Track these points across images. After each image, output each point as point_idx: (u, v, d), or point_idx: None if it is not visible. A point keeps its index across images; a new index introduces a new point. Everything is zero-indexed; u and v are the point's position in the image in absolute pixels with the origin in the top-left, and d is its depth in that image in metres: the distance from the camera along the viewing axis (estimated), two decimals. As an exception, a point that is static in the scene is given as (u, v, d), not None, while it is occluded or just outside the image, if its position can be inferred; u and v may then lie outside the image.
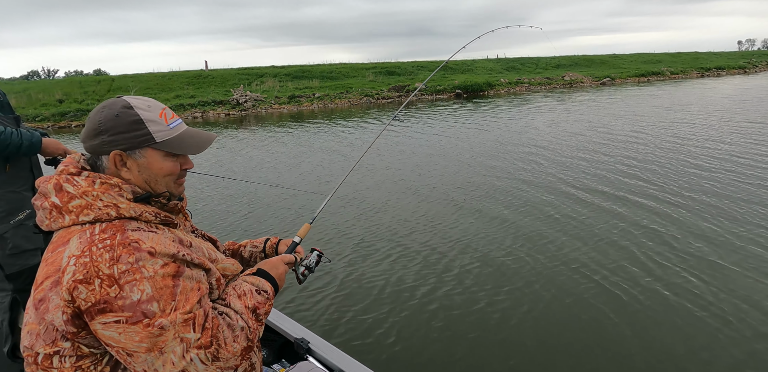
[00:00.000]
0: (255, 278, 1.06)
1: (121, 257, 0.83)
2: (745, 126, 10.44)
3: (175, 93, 23.65)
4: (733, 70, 35.29)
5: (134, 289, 0.82)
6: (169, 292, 0.84)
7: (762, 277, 3.46)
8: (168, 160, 0.97)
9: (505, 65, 33.65)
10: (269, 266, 1.11)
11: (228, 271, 1.04)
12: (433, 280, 3.65)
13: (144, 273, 0.83)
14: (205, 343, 0.85)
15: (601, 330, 2.96)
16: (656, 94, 20.60)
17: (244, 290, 1.00)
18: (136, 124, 0.93)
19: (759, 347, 2.68)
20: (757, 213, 4.82)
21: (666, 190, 5.79)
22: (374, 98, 23.78)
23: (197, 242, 1.00)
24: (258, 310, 0.99)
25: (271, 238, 1.37)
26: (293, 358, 1.65)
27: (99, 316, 0.82)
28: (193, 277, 0.89)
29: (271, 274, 1.09)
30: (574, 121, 12.59)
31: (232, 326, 0.92)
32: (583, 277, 3.64)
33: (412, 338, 2.91)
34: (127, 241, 0.85)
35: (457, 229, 4.84)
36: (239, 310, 0.96)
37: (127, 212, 0.90)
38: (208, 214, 5.67)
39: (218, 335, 0.88)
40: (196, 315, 0.86)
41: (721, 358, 2.63)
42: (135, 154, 0.95)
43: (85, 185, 0.91)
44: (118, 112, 0.93)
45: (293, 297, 3.47)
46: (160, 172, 0.97)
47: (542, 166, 7.50)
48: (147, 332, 0.81)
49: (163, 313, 0.83)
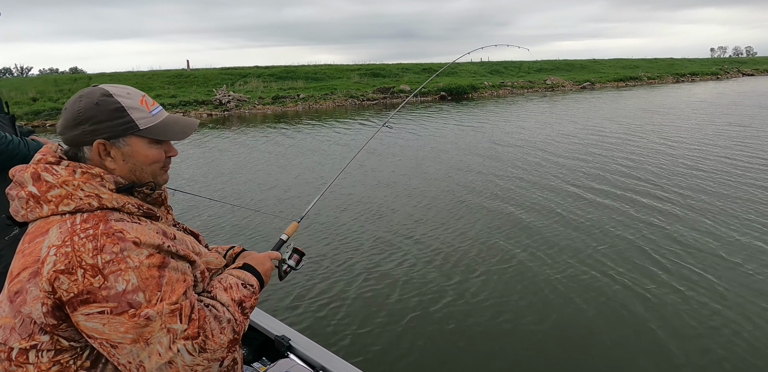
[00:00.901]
0: (241, 272, 1.05)
1: (105, 247, 0.81)
2: (728, 128, 10.84)
3: (156, 92, 23.14)
4: (706, 76, 36.55)
5: (119, 279, 0.79)
6: (155, 283, 0.82)
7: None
8: (153, 148, 0.95)
9: (489, 68, 34.10)
10: (255, 261, 1.11)
11: (211, 265, 1.03)
12: (417, 278, 3.67)
13: (129, 263, 0.81)
14: (192, 334, 0.84)
15: (596, 340, 2.98)
16: (639, 97, 21.17)
17: (230, 283, 1.00)
18: (118, 111, 0.90)
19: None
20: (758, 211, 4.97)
21: (662, 188, 5.93)
22: (359, 100, 23.75)
23: (180, 235, 0.98)
24: (244, 303, 0.98)
25: (235, 247, 1.33)
26: (274, 355, 1.63)
27: (82, 307, 0.79)
28: (179, 269, 0.88)
29: (257, 269, 1.08)
30: (567, 123, 12.84)
31: (218, 318, 0.91)
32: (573, 280, 3.67)
33: (393, 334, 2.93)
34: (111, 231, 0.83)
35: (441, 228, 4.85)
36: (225, 303, 0.95)
37: (109, 203, 0.88)
38: (190, 213, 5.54)
39: (205, 326, 0.87)
40: (182, 306, 0.85)
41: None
42: (119, 142, 0.92)
43: (65, 174, 0.88)
44: (98, 101, 0.90)
45: (273, 294, 3.44)
46: (146, 160, 0.95)
47: (542, 166, 7.59)
48: (133, 323, 0.79)
49: (149, 303, 0.81)
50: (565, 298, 3.32)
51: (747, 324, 2.92)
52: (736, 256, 3.87)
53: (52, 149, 0.94)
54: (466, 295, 3.37)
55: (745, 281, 3.46)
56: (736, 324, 2.93)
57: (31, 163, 0.91)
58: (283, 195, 6.47)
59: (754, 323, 2.92)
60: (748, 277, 3.51)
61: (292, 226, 1.45)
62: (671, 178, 6.46)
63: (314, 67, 30.85)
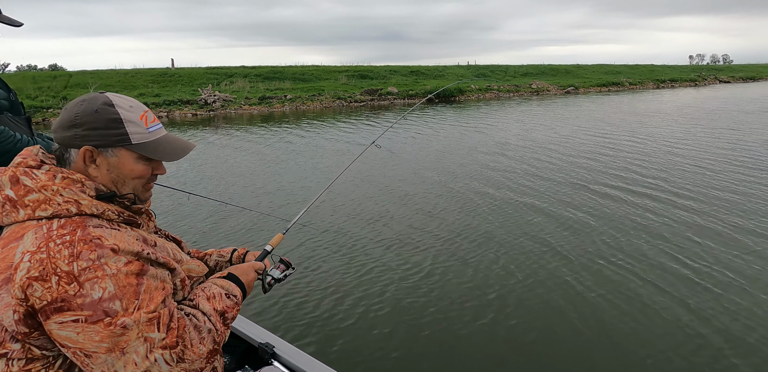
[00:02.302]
0: (225, 282, 1.04)
1: (81, 254, 0.79)
2: (723, 131, 11.21)
3: (139, 91, 22.72)
4: (685, 83, 37.60)
5: (95, 286, 0.78)
6: (132, 291, 0.81)
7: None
8: (140, 163, 0.94)
9: (475, 72, 34.45)
10: (240, 272, 1.09)
11: (193, 273, 1.02)
12: (403, 285, 3.66)
13: (106, 270, 0.79)
14: (170, 343, 0.83)
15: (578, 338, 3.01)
16: (628, 102, 21.63)
17: (213, 293, 0.98)
18: (114, 122, 0.90)
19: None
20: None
21: (663, 188, 6.06)
22: (347, 101, 23.71)
23: (162, 242, 0.97)
24: (226, 313, 0.97)
25: (239, 249, 1.34)
26: (257, 363, 1.60)
27: (55, 315, 0.77)
28: (158, 277, 0.87)
29: (241, 279, 1.07)
30: (568, 126, 13.05)
31: (198, 328, 0.90)
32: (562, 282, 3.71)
33: (380, 340, 2.91)
34: (89, 238, 0.81)
35: (426, 234, 4.86)
36: (207, 312, 0.94)
37: (88, 209, 0.86)
38: (173, 221, 5.43)
39: (184, 336, 0.86)
40: (161, 314, 0.83)
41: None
42: (107, 151, 0.91)
43: (45, 179, 0.86)
44: (98, 108, 0.90)
45: (257, 301, 3.39)
46: (130, 174, 0.94)
47: (550, 167, 7.67)
48: (108, 331, 0.78)
49: (126, 312, 0.79)
50: (557, 299, 3.36)
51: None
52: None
53: (33, 152, 0.93)
54: (455, 301, 3.37)
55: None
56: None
57: (11, 165, 0.90)
58: (276, 199, 6.41)
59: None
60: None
61: (277, 237, 1.45)
62: (680, 177, 6.64)
63: (301, 67, 30.72)
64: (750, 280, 3.57)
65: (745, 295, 3.33)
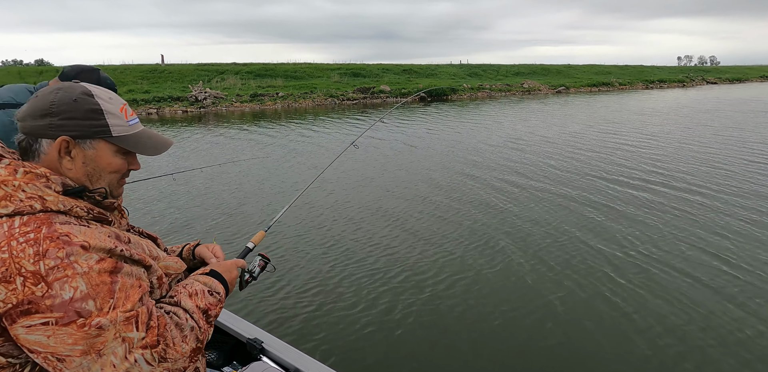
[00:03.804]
0: (208, 278, 1.00)
1: (48, 252, 0.74)
2: (724, 131, 11.38)
3: (128, 87, 22.40)
4: (673, 84, 38.17)
5: (65, 286, 0.73)
6: (106, 289, 0.76)
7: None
8: (118, 157, 0.90)
9: (468, 71, 34.56)
10: (223, 268, 1.06)
11: (171, 270, 0.98)
12: (390, 278, 3.68)
13: (77, 269, 0.74)
14: (151, 343, 0.80)
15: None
16: (622, 102, 21.86)
17: (195, 289, 0.95)
18: (95, 113, 0.86)
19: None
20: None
21: (666, 184, 6.12)
22: (339, 99, 23.64)
23: (136, 239, 0.92)
24: (209, 311, 0.94)
25: (190, 243, 1.28)
26: (246, 359, 1.59)
27: (22, 318, 0.72)
28: (133, 274, 0.82)
29: (224, 276, 1.04)
30: (574, 124, 13.20)
31: (180, 325, 0.86)
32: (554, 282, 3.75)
33: (369, 335, 2.92)
34: (56, 235, 0.76)
35: (416, 232, 4.87)
36: (189, 309, 0.91)
37: (54, 205, 0.80)
38: (148, 215, 5.35)
39: (166, 334, 0.82)
40: (139, 312, 0.79)
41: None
42: (85, 143, 0.86)
43: (5, 174, 0.80)
44: (77, 97, 0.85)
45: (245, 295, 3.38)
46: (107, 168, 0.89)
47: (555, 165, 7.71)
48: (82, 333, 0.73)
49: (101, 311, 0.75)
50: (550, 298, 3.38)
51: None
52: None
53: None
54: (441, 296, 3.40)
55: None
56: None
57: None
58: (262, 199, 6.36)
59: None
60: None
61: (259, 235, 1.42)
62: (700, 175, 6.69)
63: (294, 65, 30.53)
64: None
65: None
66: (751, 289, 3.44)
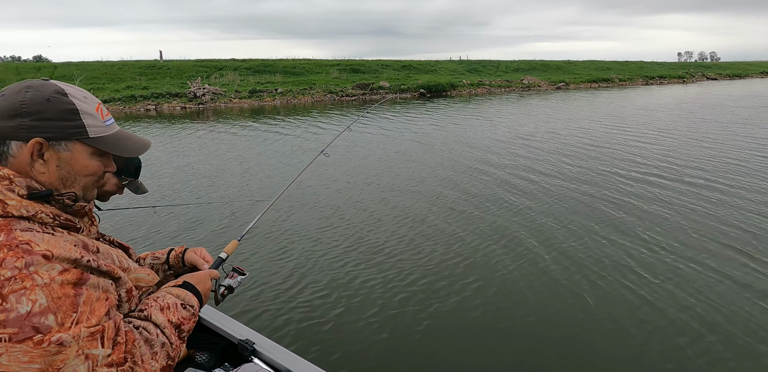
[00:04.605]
0: (181, 291, 0.94)
1: (5, 261, 0.68)
2: (728, 125, 11.43)
3: (126, 84, 22.33)
4: (674, 80, 38.08)
5: (22, 299, 0.67)
6: (69, 303, 0.71)
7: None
8: (95, 159, 0.86)
9: (468, 67, 34.46)
10: (196, 280, 1.00)
11: (142, 282, 0.93)
12: (382, 278, 3.66)
13: (36, 280, 0.69)
14: (117, 360, 0.74)
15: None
16: (624, 97, 21.83)
17: (167, 303, 0.89)
18: (70, 113, 0.81)
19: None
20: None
21: (704, 183, 6.11)
22: (338, 95, 23.58)
23: (105, 248, 0.87)
24: (182, 325, 0.88)
25: (176, 248, 1.21)
26: (237, 360, 1.59)
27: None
28: (100, 286, 0.77)
29: (198, 288, 0.98)
30: (582, 120, 13.19)
31: (150, 341, 0.81)
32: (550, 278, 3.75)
33: (362, 335, 2.91)
34: (15, 243, 0.70)
35: (410, 229, 4.86)
36: (161, 324, 0.85)
37: (16, 210, 0.74)
38: (121, 221, 5.17)
39: (134, 351, 0.77)
40: (104, 328, 0.73)
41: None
42: (59, 145, 0.81)
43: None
44: (50, 97, 0.80)
45: (236, 297, 3.37)
46: (83, 171, 0.84)
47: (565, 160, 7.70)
48: (40, 350, 0.67)
49: (62, 327, 0.69)
50: (543, 295, 3.39)
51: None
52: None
53: None
54: (433, 296, 3.39)
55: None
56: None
57: None
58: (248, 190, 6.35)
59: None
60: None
61: (232, 244, 1.37)
62: (714, 171, 6.70)
63: (293, 61, 30.43)
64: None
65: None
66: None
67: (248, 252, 4.17)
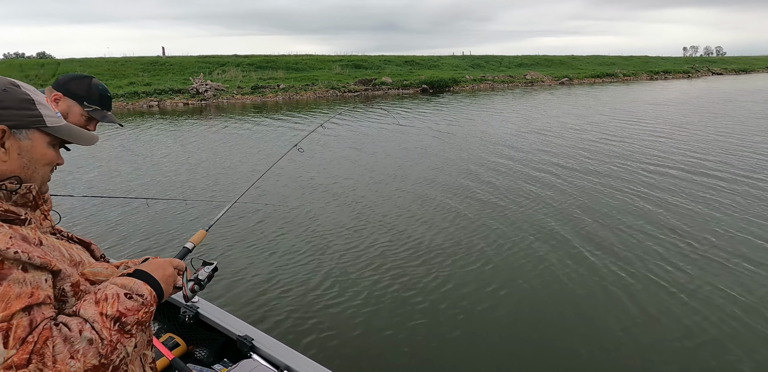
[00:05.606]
0: (128, 279, 0.85)
1: None
2: (745, 119, 11.36)
3: (129, 80, 22.37)
4: (678, 74, 37.71)
5: None
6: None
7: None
8: (51, 149, 0.87)
9: (470, 62, 34.26)
10: (153, 267, 0.91)
11: (101, 276, 0.89)
12: (379, 273, 3.67)
13: None
14: (18, 362, 0.66)
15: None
16: (630, 92, 21.64)
17: (106, 294, 0.80)
18: (27, 103, 0.82)
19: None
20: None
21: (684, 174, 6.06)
22: (340, 91, 23.52)
23: (52, 241, 0.84)
24: (124, 317, 0.78)
25: (151, 258, 1.21)
26: (236, 356, 1.60)
27: None
28: (26, 282, 0.71)
29: (153, 275, 0.89)
30: (596, 115, 13.16)
31: (70, 339, 0.72)
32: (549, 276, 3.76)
33: (360, 331, 2.92)
34: None
35: (406, 223, 4.86)
36: (89, 318, 0.76)
37: None
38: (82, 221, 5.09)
39: (44, 351, 0.68)
40: (15, 325, 0.67)
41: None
42: (21, 133, 0.81)
43: None
44: (6, 88, 0.81)
45: (235, 292, 3.37)
46: (42, 159, 0.84)
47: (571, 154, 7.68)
48: None
49: None
50: (538, 292, 3.40)
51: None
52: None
53: None
54: (433, 292, 3.38)
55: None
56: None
57: None
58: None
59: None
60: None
61: (199, 234, 1.30)
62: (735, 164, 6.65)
63: (295, 57, 30.34)
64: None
65: None
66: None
67: (251, 249, 4.20)
